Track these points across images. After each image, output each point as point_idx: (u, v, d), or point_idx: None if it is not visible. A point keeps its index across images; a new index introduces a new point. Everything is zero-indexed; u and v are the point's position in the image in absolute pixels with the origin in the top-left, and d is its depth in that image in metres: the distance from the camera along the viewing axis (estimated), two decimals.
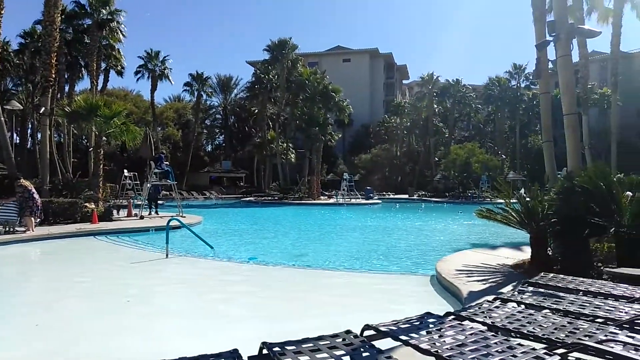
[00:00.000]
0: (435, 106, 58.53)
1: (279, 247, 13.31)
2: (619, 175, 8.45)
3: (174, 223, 12.44)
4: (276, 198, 40.21)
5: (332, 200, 39.27)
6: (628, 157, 38.15)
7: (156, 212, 20.57)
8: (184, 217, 18.58)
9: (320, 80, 42.44)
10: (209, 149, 70.66)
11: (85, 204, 17.07)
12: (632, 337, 3.12)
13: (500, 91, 55.15)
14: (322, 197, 42.03)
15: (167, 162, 21.91)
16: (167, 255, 10.38)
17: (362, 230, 18.70)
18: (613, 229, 6.57)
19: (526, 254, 8.74)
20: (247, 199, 42.29)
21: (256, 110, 53.40)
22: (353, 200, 38.37)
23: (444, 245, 13.67)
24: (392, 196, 48.84)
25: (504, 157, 53.25)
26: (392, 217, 26.32)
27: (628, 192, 7.30)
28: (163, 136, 54.87)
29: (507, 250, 10.44)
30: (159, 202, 22.03)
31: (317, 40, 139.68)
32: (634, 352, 2.84)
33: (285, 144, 46.46)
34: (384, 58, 72.61)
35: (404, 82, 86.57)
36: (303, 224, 21.65)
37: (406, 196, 48.46)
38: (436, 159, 56.50)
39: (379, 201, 40.33)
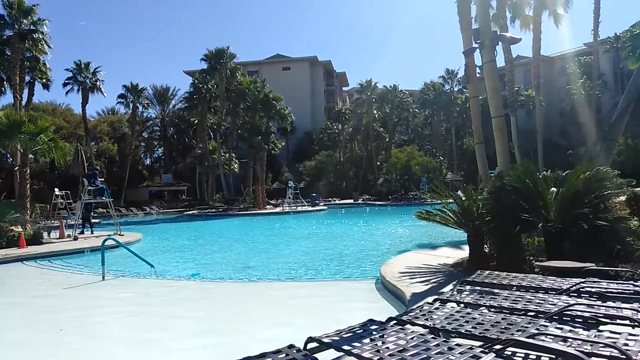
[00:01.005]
0: (375, 112, 59.93)
1: (224, 261, 13.00)
2: (544, 172, 8.97)
3: (110, 242, 11.83)
4: (220, 210, 39.42)
5: (278, 209, 39.06)
6: (553, 154, 40.88)
7: (91, 232, 19.51)
8: (122, 235, 17.74)
9: (260, 89, 42.24)
10: (148, 163, 68.14)
11: (12, 228, 15.88)
12: (561, 329, 3.29)
13: (435, 96, 57.44)
14: (268, 207, 41.70)
15: (101, 179, 20.85)
16: (103, 277, 9.83)
17: (308, 238, 18.69)
18: (541, 224, 6.95)
19: (466, 252, 9.07)
20: (190, 212, 41.10)
21: (196, 121, 52.20)
22: (299, 208, 38.36)
23: (389, 248, 13.94)
24: (337, 202, 49.36)
25: (442, 158, 55.40)
26: (338, 222, 26.56)
27: (553, 188, 7.77)
28: (97, 151, 52.30)
29: (448, 250, 10.79)
30: (95, 220, 20.89)
31: (256, 49, 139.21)
32: (562, 343, 2.99)
33: (227, 154, 45.72)
34: (323, 66, 73.52)
35: (344, 89, 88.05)
36: (249, 235, 21.33)
37: (351, 201, 49.17)
38: (378, 163, 57.79)
39: (325, 207, 40.60)
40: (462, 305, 4.33)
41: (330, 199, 51.39)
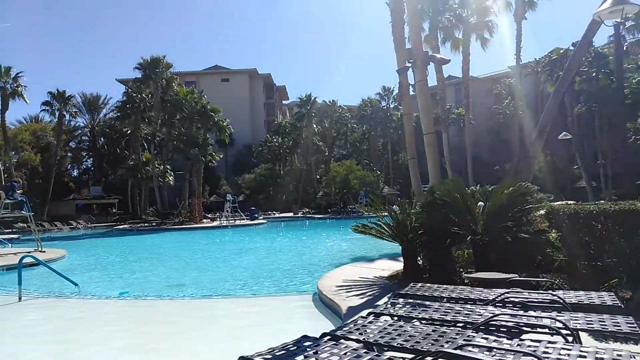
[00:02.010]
0: (315, 126, 60.53)
1: (156, 279, 12.43)
2: (473, 187, 9.41)
3: (28, 260, 10.94)
4: (154, 224, 37.84)
5: (215, 223, 38.14)
6: (482, 170, 43.22)
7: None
8: (44, 251, 16.51)
9: (198, 100, 41.35)
10: (75, 174, 64.19)
11: None
12: (486, 339, 3.41)
13: (373, 112, 59.03)
14: (205, 220, 40.60)
15: (20, 191, 19.35)
16: (20, 298, 9.05)
17: (246, 252, 18.37)
18: (470, 236, 7.26)
19: (401, 264, 9.25)
20: (121, 227, 39.11)
21: (129, 131, 50.05)
22: (238, 222, 37.70)
23: (327, 261, 13.99)
24: (277, 215, 49.05)
25: (379, 172, 56.80)
26: (277, 236, 26.34)
27: (480, 203, 8.16)
28: (18, 162, 48.59)
29: (385, 262, 10.99)
30: (14, 236, 19.30)
31: (194, 59, 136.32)
32: (487, 352, 3.09)
33: (162, 166, 44.17)
34: (263, 78, 73.37)
35: (284, 102, 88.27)
36: (183, 250, 20.60)
37: (291, 214, 49.04)
38: (318, 176, 58.26)
39: (264, 221, 40.20)
40: (395, 318, 4.39)
41: (269, 212, 50.98)
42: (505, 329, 3.86)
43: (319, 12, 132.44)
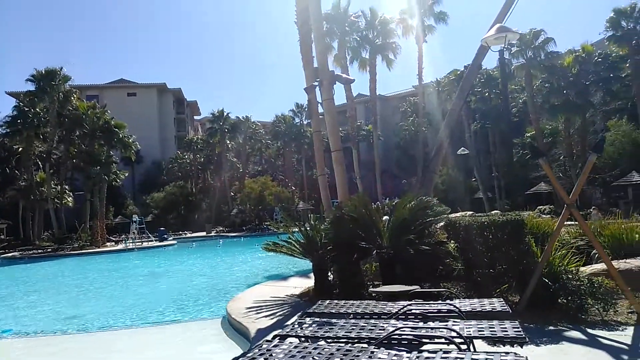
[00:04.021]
0: (228, 142, 59.54)
1: (48, 311, 11.25)
2: (379, 202, 9.72)
3: None
4: (50, 250, 34.47)
5: (120, 246, 35.73)
6: (390, 184, 45.18)
7: None
8: None
9: (100, 115, 38.83)
10: None
11: None
12: (387, 354, 3.45)
13: (286, 128, 59.45)
14: (108, 244, 37.89)
15: None
16: None
17: (152, 277, 17.36)
18: (375, 250, 7.45)
19: (313, 281, 9.27)
20: (10, 254, 35.12)
21: (20, 149, 45.45)
22: (145, 244, 35.66)
23: (240, 282, 13.63)
24: (189, 235, 47.16)
25: (294, 188, 57.13)
26: (187, 258, 25.25)
27: (385, 217, 8.44)
28: None
29: (298, 280, 10.92)
30: None
31: (97, 72, 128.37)
32: None
33: (60, 187, 40.63)
34: (173, 93, 70.92)
35: (196, 118, 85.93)
36: (81, 278, 18.93)
37: (204, 233, 47.44)
38: (232, 193, 57.15)
39: (174, 242, 38.45)
40: (302, 339, 4.32)
41: (180, 232, 48.88)
42: (406, 342, 3.95)
43: (232, 28, 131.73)
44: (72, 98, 39.95)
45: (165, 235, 40.46)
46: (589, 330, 5.33)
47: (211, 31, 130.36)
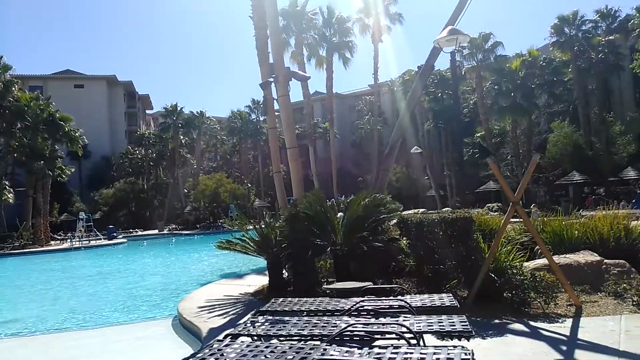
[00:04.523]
0: (182, 137, 58.11)
1: None
2: (334, 199, 9.78)
3: None
4: None
5: (66, 245, 34.17)
6: (347, 181, 45.60)
7: None
8: None
9: (44, 107, 36.85)
10: None
11: None
12: (339, 351, 3.46)
13: (242, 124, 58.68)
14: (53, 242, 36.12)
15: None
16: None
17: (99, 276, 16.68)
18: (330, 247, 7.49)
19: (267, 279, 9.19)
20: None
21: None
22: (93, 242, 34.28)
23: (192, 281, 13.35)
24: (140, 233, 45.73)
25: (250, 185, 56.54)
26: (137, 257, 24.46)
27: (340, 214, 8.49)
28: None
29: (253, 277, 10.78)
30: None
31: (41, 62, 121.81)
32: None
33: None
34: (123, 86, 68.31)
35: (148, 112, 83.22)
36: (23, 279, 17.93)
37: (156, 231, 46.13)
38: (186, 190, 55.84)
39: (124, 240, 37.17)
40: (255, 337, 4.27)
41: (131, 230, 47.30)
42: (358, 338, 3.98)
43: (186, 20, 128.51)
44: (14, 88, 37.64)
45: (115, 234, 39.04)
46: (531, 323, 5.58)
47: (164, 23, 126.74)
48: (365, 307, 4.94)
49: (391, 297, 5.47)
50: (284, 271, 8.62)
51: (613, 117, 38.34)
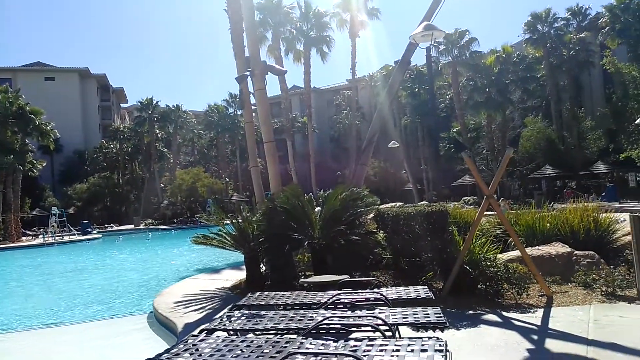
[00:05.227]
0: (158, 131, 57.13)
1: None
2: (312, 193, 9.77)
3: None
4: None
5: (38, 241, 33.32)
6: (325, 175, 45.60)
7: None
8: None
9: (13, 100, 35.70)
10: None
11: None
12: (315, 345, 3.46)
13: (220, 118, 58.02)
14: (24, 238, 35.19)
15: None
16: None
17: (73, 273, 16.33)
18: (307, 241, 7.49)
19: (245, 273, 9.14)
20: None
21: None
22: (66, 238, 33.50)
23: (169, 276, 13.19)
24: (115, 228, 44.89)
25: (228, 180, 56.02)
26: (112, 252, 24.01)
27: (318, 208, 8.49)
28: None
29: (230, 272, 10.70)
30: None
31: (10, 53, 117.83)
32: (313, 358, 3.14)
33: None
34: (97, 79, 66.69)
35: (123, 105, 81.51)
36: None
37: (132, 226, 45.37)
38: (162, 185, 55.02)
39: (99, 235, 36.46)
40: (230, 332, 4.24)
41: (106, 225, 46.38)
42: (334, 331, 3.99)
43: (161, 12, 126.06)
44: None
45: (89, 229, 38.26)
46: (504, 313, 5.70)
47: (139, 15, 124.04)
48: (342, 300, 4.96)
49: (367, 290, 5.51)
50: (261, 265, 8.60)
51: (584, 112, 39.33)
